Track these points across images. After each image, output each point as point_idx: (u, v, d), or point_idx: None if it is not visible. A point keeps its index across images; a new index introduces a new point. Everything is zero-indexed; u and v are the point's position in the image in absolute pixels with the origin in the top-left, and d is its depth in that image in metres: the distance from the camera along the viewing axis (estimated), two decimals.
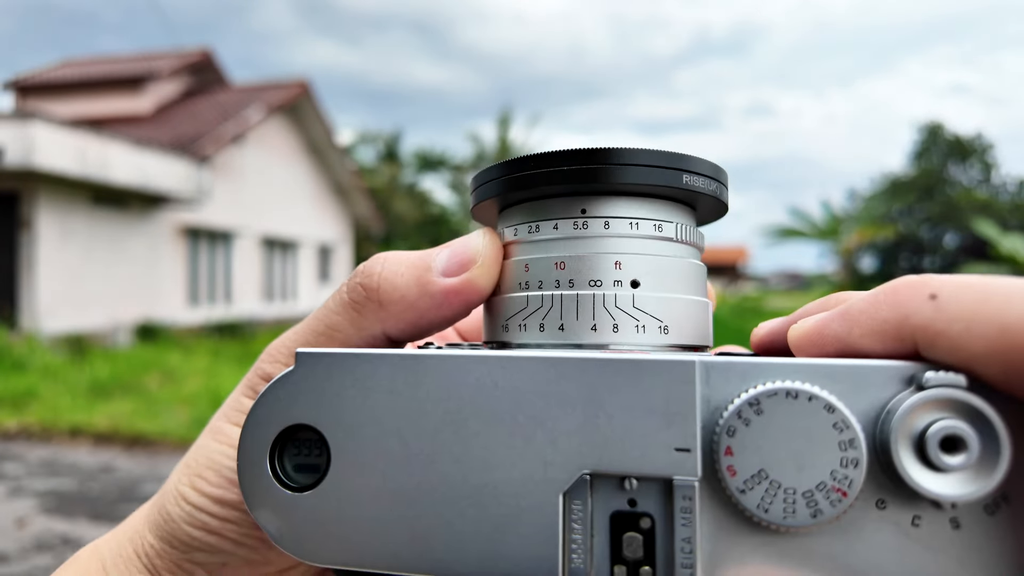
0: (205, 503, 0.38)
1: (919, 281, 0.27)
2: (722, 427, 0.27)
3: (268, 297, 16.14)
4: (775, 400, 0.26)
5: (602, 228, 0.35)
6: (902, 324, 0.27)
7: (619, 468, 0.28)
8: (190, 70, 16.64)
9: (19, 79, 15.89)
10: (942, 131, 39.99)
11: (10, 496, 4.72)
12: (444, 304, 0.36)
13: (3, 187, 10.19)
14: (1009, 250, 12.98)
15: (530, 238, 0.36)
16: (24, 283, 10.27)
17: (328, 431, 0.31)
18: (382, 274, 0.37)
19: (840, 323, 0.29)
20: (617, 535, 0.28)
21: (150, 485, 5.02)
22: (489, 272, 0.37)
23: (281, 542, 0.31)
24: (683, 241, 0.36)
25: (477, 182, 0.39)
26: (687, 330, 0.35)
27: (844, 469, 0.26)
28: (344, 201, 19.45)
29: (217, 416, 0.40)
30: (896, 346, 0.27)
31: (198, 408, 7.08)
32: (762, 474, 0.26)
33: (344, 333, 0.37)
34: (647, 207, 0.36)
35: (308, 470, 0.31)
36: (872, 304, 0.28)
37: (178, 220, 13.10)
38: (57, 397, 7.35)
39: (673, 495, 0.27)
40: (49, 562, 3.71)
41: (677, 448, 0.27)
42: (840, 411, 0.26)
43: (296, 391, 0.31)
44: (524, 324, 0.35)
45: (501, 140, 26.90)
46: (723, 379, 0.28)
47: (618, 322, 0.34)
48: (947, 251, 37.97)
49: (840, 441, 0.26)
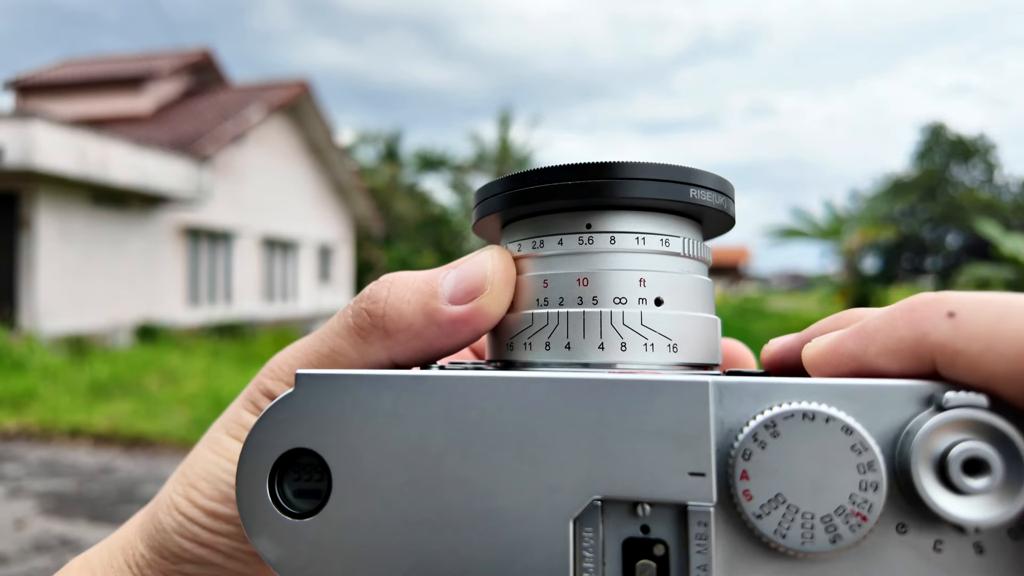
0: (198, 515, 0.37)
1: (937, 299, 0.26)
2: (737, 450, 0.26)
3: (268, 297, 16.13)
4: (792, 422, 0.26)
5: (608, 243, 0.34)
6: (920, 342, 0.26)
7: (631, 493, 0.27)
8: (190, 70, 16.63)
9: (19, 79, 15.89)
10: (944, 131, 40.00)
11: (9, 497, 4.70)
12: (452, 333, 0.35)
13: (3, 187, 10.18)
14: (1011, 250, 12.96)
15: (535, 253, 0.36)
16: (24, 283, 10.26)
17: (329, 455, 0.30)
18: (388, 300, 0.35)
19: (855, 341, 0.28)
20: (630, 562, 0.27)
21: (150, 486, 5.00)
22: (499, 298, 0.35)
23: (281, 570, 0.30)
24: (690, 256, 0.35)
25: (480, 196, 0.38)
26: (697, 348, 0.34)
27: (863, 492, 0.25)
28: (344, 201, 19.44)
29: (216, 427, 0.40)
30: (914, 365, 0.26)
31: (198, 409, 7.05)
32: (779, 498, 0.26)
33: (348, 358, 0.36)
34: (654, 222, 0.35)
35: (309, 496, 0.30)
36: (888, 322, 0.27)
37: (178, 220, 13.08)
38: (57, 397, 7.33)
39: (688, 521, 0.26)
40: (48, 563, 3.68)
41: (691, 472, 0.26)
42: (858, 432, 0.25)
43: (296, 414, 0.30)
44: (529, 343, 0.34)
45: (502, 140, 26.89)
46: (737, 400, 0.27)
47: (626, 340, 0.33)
48: (949, 251, 37.98)
49: (859, 464, 0.25)
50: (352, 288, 20.27)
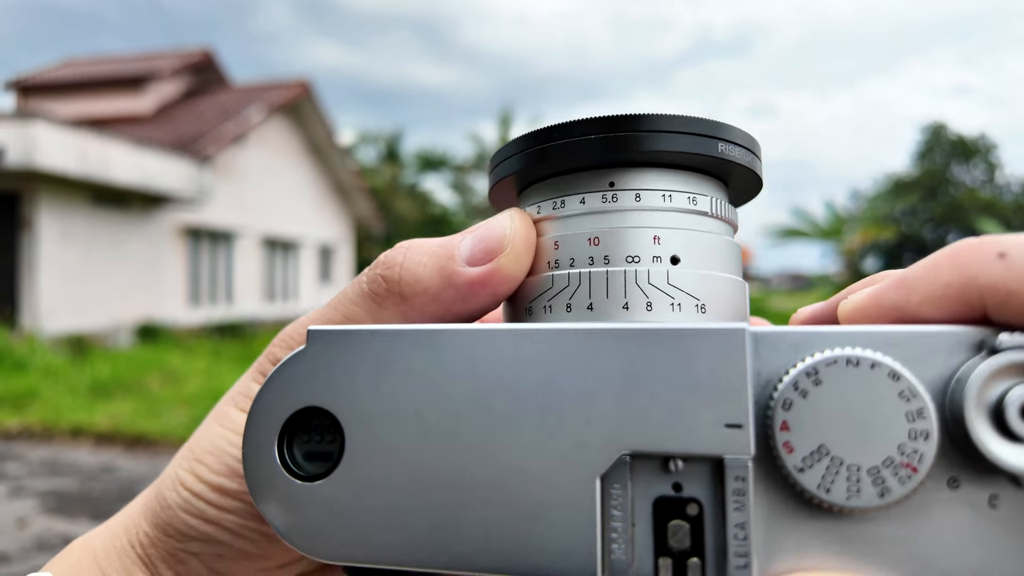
0: (204, 490, 0.36)
1: (984, 241, 0.25)
2: (777, 400, 0.24)
3: (269, 297, 16.14)
4: (835, 369, 0.24)
5: (633, 201, 0.32)
6: (968, 286, 0.25)
7: (663, 447, 0.25)
8: (191, 70, 16.64)
9: (20, 79, 15.90)
10: (945, 131, 39.99)
11: (11, 496, 4.71)
12: (470, 296, 0.33)
13: (4, 187, 10.19)
14: None
15: (555, 214, 0.34)
16: (25, 283, 10.27)
17: (342, 414, 0.28)
18: (404, 264, 0.34)
19: (897, 291, 0.27)
20: (661, 523, 0.26)
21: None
22: (519, 259, 0.33)
23: (289, 537, 0.28)
24: (718, 216, 0.34)
25: (496, 159, 0.37)
26: (725, 309, 0.32)
27: (913, 442, 0.23)
28: (345, 201, 19.45)
29: (224, 400, 0.38)
30: (962, 310, 0.25)
31: (199, 408, 7.06)
32: (822, 450, 0.24)
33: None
34: (680, 179, 0.33)
35: (320, 458, 0.29)
36: (932, 269, 0.26)
37: (179, 220, 13.09)
38: (58, 397, 7.33)
39: (724, 476, 0.25)
40: None
41: (727, 424, 0.25)
42: (906, 378, 0.24)
43: (307, 372, 0.29)
44: (549, 305, 0.33)
45: (502, 140, 26.90)
46: (774, 350, 0.25)
47: (652, 300, 0.31)
48: None
49: (908, 412, 0.24)
50: None
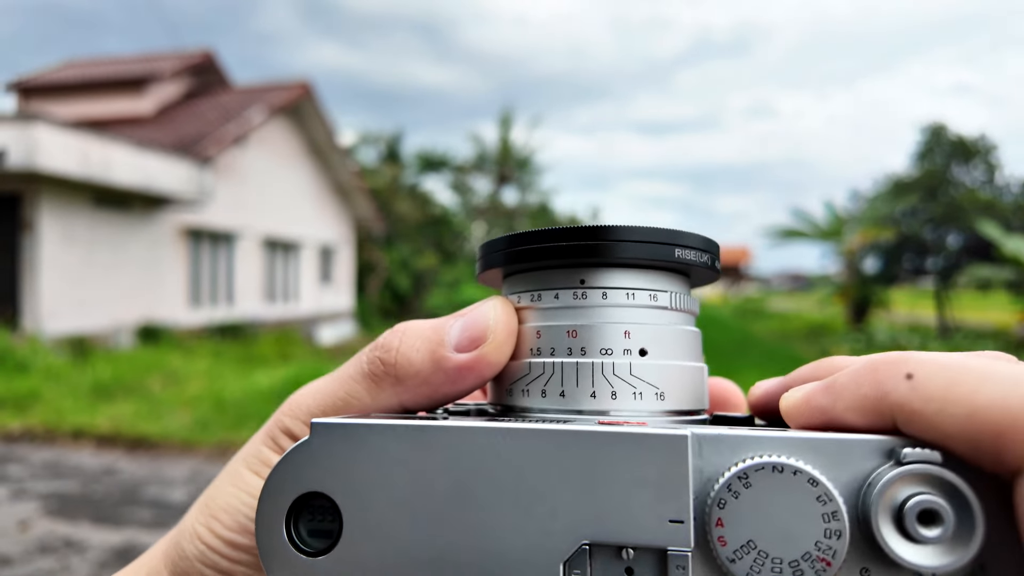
0: (218, 544, 0.40)
1: (898, 359, 0.28)
2: (713, 499, 0.28)
3: (270, 298, 16.14)
4: (762, 474, 0.28)
5: (600, 298, 0.37)
6: (881, 400, 0.28)
7: (616, 539, 0.29)
8: (192, 71, 16.65)
9: (22, 80, 15.91)
10: (945, 132, 39.96)
11: (13, 498, 4.72)
12: (458, 380, 0.37)
13: (5, 189, 10.20)
14: (1012, 251, 12.95)
15: (533, 305, 0.39)
16: (26, 285, 10.28)
17: (340, 498, 0.32)
18: (399, 349, 0.38)
19: (825, 396, 0.31)
20: None
21: (153, 487, 5.02)
22: (501, 347, 0.37)
23: None
24: (677, 309, 0.38)
25: (485, 251, 0.42)
26: (683, 395, 0.37)
27: (828, 540, 0.27)
28: (346, 202, 19.45)
29: (236, 460, 0.42)
30: (876, 420, 0.29)
31: (200, 410, 7.07)
32: (751, 544, 0.27)
33: (362, 402, 0.39)
34: (643, 278, 0.38)
35: (322, 535, 0.33)
36: (854, 379, 0.30)
37: (180, 221, 13.10)
38: (60, 399, 7.35)
39: (667, 565, 0.28)
40: (52, 564, 3.70)
41: (671, 520, 0.28)
42: (823, 484, 0.27)
43: (311, 460, 0.33)
44: (527, 390, 0.37)
45: (503, 140, 26.87)
46: (715, 451, 0.29)
47: (616, 389, 0.36)
48: (950, 252, 37.93)
49: (824, 513, 0.27)
50: (353, 289, 20.29)
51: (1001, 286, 15.89)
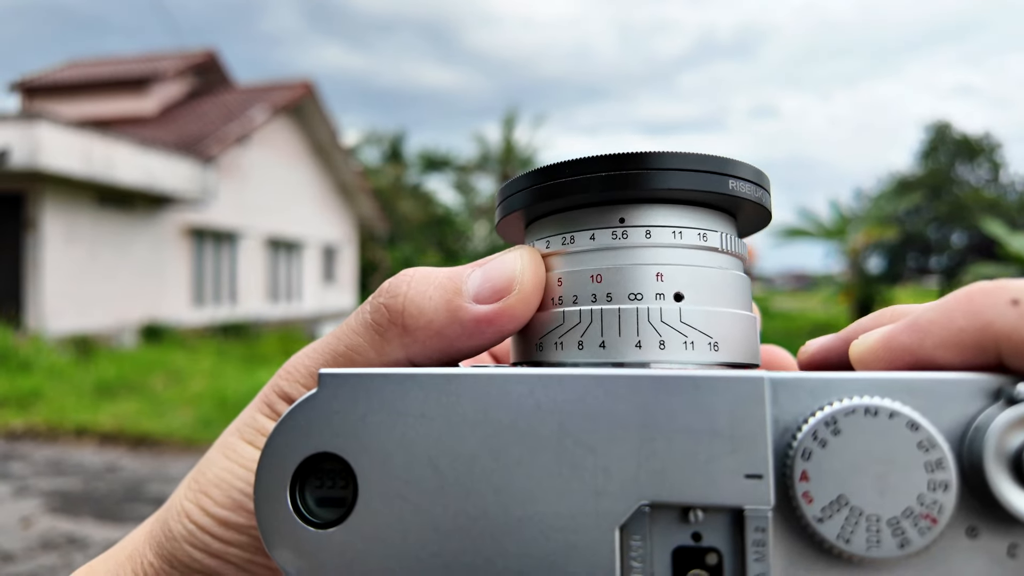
0: (209, 523, 0.35)
1: (997, 286, 0.25)
2: (796, 450, 0.24)
3: (273, 297, 16.17)
4: (853, 418, 0.24)
5: (643, 238, 0.32)
6: (982, 332, 0.25)
7: (682, 498, 0.25)
8: (195, 71, 16.68)
9: (25, 80, 15.96)
10: (949, 131, 39.88)
11: (16, 496, 4.73)
12: (475, 333, 0.33)
13: (9, 188, 10.23)
14: (1017, 249, 12.89)
15: (564, 250, 0.34)
16: (30, 284, 10.30)
17: (354, 460, 0.28)
18: (408, 295, 0.33)
19: (909, 335, 0.27)
20: (681, 573, 0.26)
21: (155, 485, 5.02)
22: (528, 300, 0.33)
23: None
24: (728, 251, 0.34)
25: (504, 193, 0.36)
26: (737, 346, 0.32)
27: (932, 493, 0.24)
28: (349, 201, 19.47)
29: (229, 431, 0.38)
30: (976, 357, 0.25)
31: (203, 408, 7.08)
32: (842, 500, 0.24)
33: (365, 357, 0.34)
34: (690, 215, 0.33)
35: (333, 504, 0.28)
36: (944, 313, 0.26)
37: (183, 220, 13.13)
38: (63, 397, 7.36)
39: (744, 527, 0.25)
40: (55, 561, 3.70)
41: (747, 475, 0.25)
42: (925, 428, 0.24)
43: (319, 416, 0.28)
44: (560, 342, 0.32)
45: (506, 141, 26.91)
46: (793, 398, 0.25)
47: (665, 338, 0.31)
48: (954, 250, 37.84)
49: (927, 462, 0.24)
50: (356, 288, 20.30)
51: None
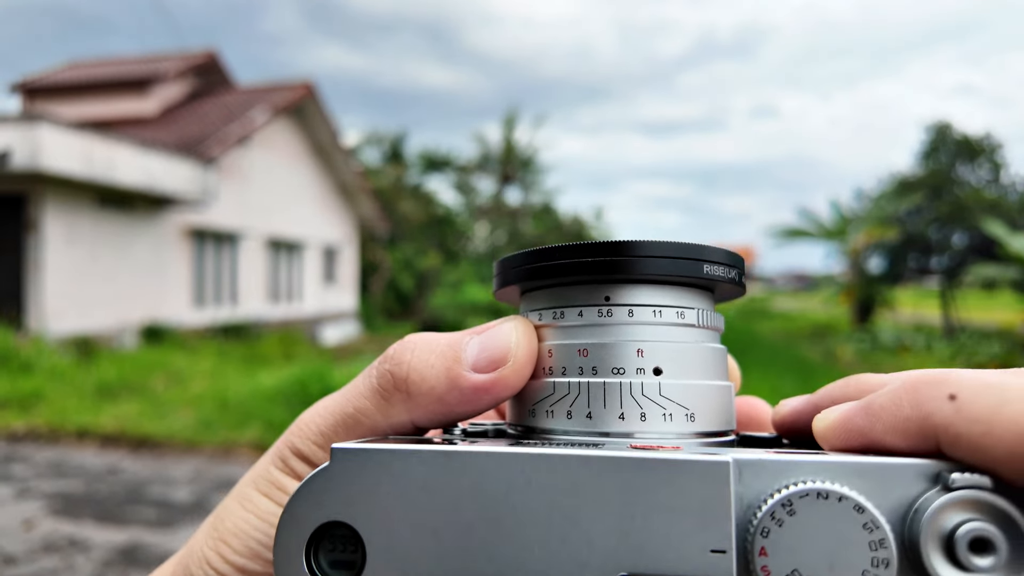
0: (228, 570, 0.38)
1: (939, 379, 0.27)
2: (756, 527, 0.27)
3: (274, 298, 16.17)
4: (807, 501, 0.27)
5: (626, 316, 0.36)
6: (923, 423, 0.27)
7: (656, 570, 0.28)
8: (196, 72, 16.69)
9: (26, 81, 15.97)
10: (950, 131, 39.86)
11: (18, 498, 4.73)
12: (473, 400, 0.36)
13: (10, 189, 10.24)
14: (1017, 250, 12.89)
15: (555, 324, 0.37)
16: (31, 285, 10.31)
17: (362, 528, 0.30)
18: (411, 363, 0.36)
19: (863, 418, 0.30)
20: None
21: (156, 487, 5.02)
22: (521, 370, 0.36)
23: None
24: (704, 326, 0.37)
25: (501, 268, 0.40)
26: (713, 416, 0.36)
27: (875, 569, 0.26)
28: (349, 202, 19.47)
29: (245, 481, 0.40)
30: (919, 443, 0.28)
31: (204, 409, 7.08)
32: (795, 574, 0.27)
33: (371, 420, 0.37)
34: (670, 294, 0.36)
35: (344, 566, 0.31)
36: (893, 400, 0.28)
37: (184, 221, 13.13)
38: (64, 399, 7.37)
39: None
40: (56, 563, 3.71)
41: (713, 550, 0.27)
42: (870, 511, 0.26)
43: (331, 487, 0.31)
44: (551, 411, 0.36)
45: (506, 141, 26.91)
46: (756, 477, 0.28)
47: (645, 411, 0.34)
48: (955, 251, 37.83)
49: (871, 541, 0.26)
50: (357, 289, 20.31)
51: (1006, 285, 15.84)
